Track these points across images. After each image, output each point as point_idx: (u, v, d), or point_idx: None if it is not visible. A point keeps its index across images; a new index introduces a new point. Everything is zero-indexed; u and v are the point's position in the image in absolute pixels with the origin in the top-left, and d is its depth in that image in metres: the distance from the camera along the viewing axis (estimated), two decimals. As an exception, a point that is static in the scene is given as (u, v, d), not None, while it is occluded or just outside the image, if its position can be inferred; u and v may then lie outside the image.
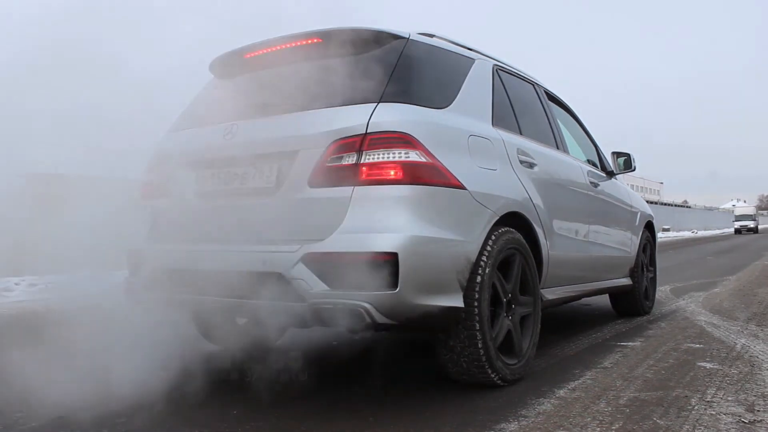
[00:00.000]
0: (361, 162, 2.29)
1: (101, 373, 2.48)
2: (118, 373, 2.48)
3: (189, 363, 2.74)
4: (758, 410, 2.27)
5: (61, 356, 2.54)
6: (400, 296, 2.17)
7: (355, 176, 2.28)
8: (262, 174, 2.50)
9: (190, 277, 2.54)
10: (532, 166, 3.07)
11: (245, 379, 2.83)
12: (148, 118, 2.96)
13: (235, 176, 2.57)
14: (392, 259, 2.16)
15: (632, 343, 3.59)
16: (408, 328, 2.41)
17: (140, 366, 2.52)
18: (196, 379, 2.65)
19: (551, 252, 3.11)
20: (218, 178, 2.63)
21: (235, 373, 2.91)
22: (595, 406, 2.34)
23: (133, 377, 2.45)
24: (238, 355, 3.19)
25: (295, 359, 3.09)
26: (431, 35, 2.98)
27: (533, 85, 3.76)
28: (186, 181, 2.72)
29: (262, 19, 3.01)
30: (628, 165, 4.56)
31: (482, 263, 2.49)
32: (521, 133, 3.19)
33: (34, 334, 3.82)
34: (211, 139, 2.66)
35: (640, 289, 4.65)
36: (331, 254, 2.23)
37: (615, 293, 4.55)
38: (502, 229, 2.66)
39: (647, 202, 5.46)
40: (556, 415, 2.22)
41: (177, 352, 2.72)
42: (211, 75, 3.16)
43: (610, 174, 4.45)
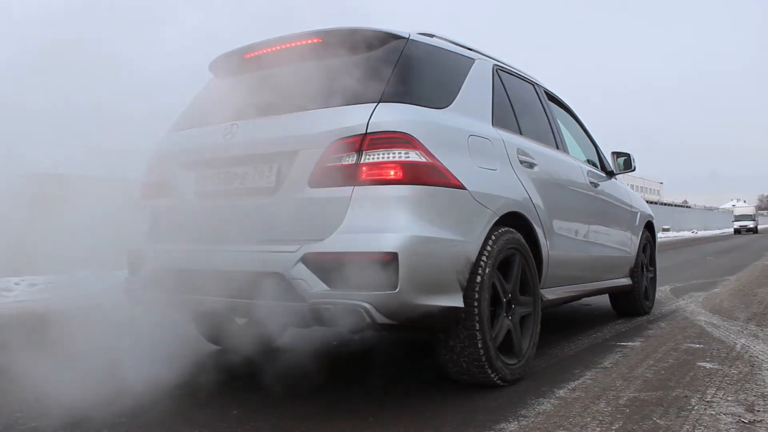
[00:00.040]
0: (361, 162, 2.29)
1: (101, 373, 2.48)
2: (118, 373, 2.48)
3: (189, 363, 2.74)
4: (758, 410, 2.27)
5: (60, 357, 2.55)
6: (400, 296, 2.17)
7: (355, 176, 2.28)
8: (262, 174, 2.50)
9: (190, 277, 2.54)
10: (532, 166, 3.07)
11: (245, 379, 2.83)
12: (148, 118, 2.96)
13: (235, 176, 2.57)
14: (392, 259, 2.16)
15: (632, 343, 3.59)
16: (408, 328, 2.41)
17: (140, 366, 2.52)
18: (196, 379, 2.65)
19: (551, 252, 3.12)
20: (218, 178, 2.63)
21: (235, 373, 2.91)
22: (595, 406, 2.34)
23: (133, 377, 2.45)
24: (238, 355, 3.19)
25: (295, 359, 3.09)
26: (431, 35, 2.98)
27: (533, 85, 3.76)
28: (186, 181, 2.72)
29: (263, 19, 3.01)
30: (628, 165, 4.56)
31: (482, 263, 2.49)
32: (521, 133, 3.19)
33: (33, 335, 3.82)
34: (211, 139, 2.66)
35: (640, 289, 4.65)
36: (331, 254, 2.23)
37: (615, 293, 4.55)
38: (502, 229, 2.66)
39: (647, 202, 5.46)
40: (556, 415, 2.22)
41: (177, 353, 2.72)
42: (211, 75, 3.16)
43: (610, 174, 4.45)
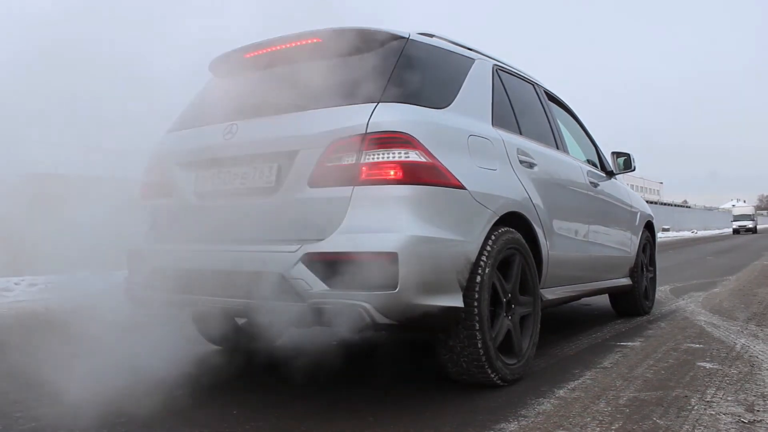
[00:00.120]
0: (361, 162, 2.29)
1: (101, 373, 2.48)
2: (118, 373, 2.48)
3: (189, 363, 2.74)
4: (758, 410, 2.27)
5: (60, 357, 2.54)
6: (400, 296, 2.17)
7: (355, 176, 2.28)
8: (261, 174, 2.50)
9: (189, 277, 2.54)
10: (531, 166, 3.08)
11: (245, 379, 2.83)
12: (148, 118, 2.96)
13: (235, 176, 2.57)
14: (392, 259, 2.16)
15: (632, 343, 3.59)
16: (408, 328, 2.41)
17: (140, 366, 2.52)
18: (196, 379, 2.65)
19: (551, 252, 3.12)
20: (218, 178, 2.63)
21: (235, 373, 2.91)
22: (595, 406, 2.34)
23: (133, 377, 2.45)
24: (238, 355, 3.19)
25: (295, 359, 3.09)
26: (431, 35, 2.98)
27: (533, 85, 3.76)
28: (186, 181, 2.72)
29: (263, 19, 3.01)
30: (628, 165, 4.56)
31: (482, 263, 2.49)
32: (521, 133, 3.19)
33: (33, 335, 3.82)
34: (211, 139, 2.66)
35: (640, 289, 4.65)
36: (331, 254, 2.23)
37: (615, 293, 4.55)
38: (502, 229, 2.66)
39: (647, 202, 5.46)
40: (555, 415, 2.22)
41: (177, 353, 2.72)
42: (211, 75, 3.16)
43: (610, 174, 4.45)
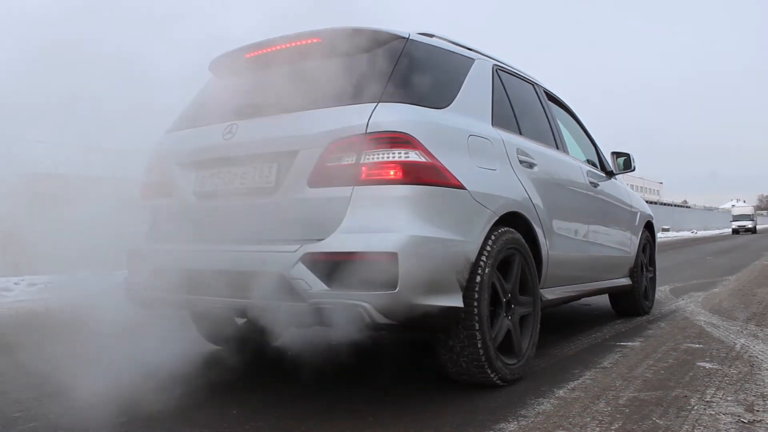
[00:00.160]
0: (361, 162, 2.29)
1: (101, 373, 2.48)
2: (118, 373, 2.48)
3: (188, 363, 2.74)
4: (757, 410, 2.27)
5: (60, 356, 2.55)
6: (400, 296, 2.17)
7: (354, 176, 2.28)
8: (261, 174, 2.50)
9: (189, 277, 2.54)
10: (531, 166, 3.08)
11: (245, 379, 2.83)
12: (148, 118, 2.96)
13: (235, 176, 2.57)
14: (392, 259, 2.16)
15: (632, 343, 3.59)
16: (408, 328, 2.41)
17: (140, 366, 2.52)
18: (196, 378, 2.65)
19: (551, 252, 3.12)
20: (218, 177, 2.63)
21: (235, 373, 2.91)
22: (595, 406, 2.34)
23: (133, 377, 2.45)
24: (238, 355, 3.19)
25: (295, 359, 3.09)
26: (431, 35, 2.98)
27: (533, 85, 3.76)
28: (185, 181, 2.72)
29: (262, 19, 3.01)
30: (628, 165, 4.56)
31: (482, 263, 2.49)
32: (521, 133, 3.19)
33: (33, 334, 3.82)
34: (211, 139, 2.66)
35: (640, 289, 4.65)
36: (331, 254, 2.23)
37: (614, 293, 4.55)
38: (502, 229, 2.66)
39: (647, 202, 5.46)
40: (555, 415, 2.22)
41: (176, 353, 2.72)
42: (211, 75, 3.16)
43: (610, 174, 4.45)
